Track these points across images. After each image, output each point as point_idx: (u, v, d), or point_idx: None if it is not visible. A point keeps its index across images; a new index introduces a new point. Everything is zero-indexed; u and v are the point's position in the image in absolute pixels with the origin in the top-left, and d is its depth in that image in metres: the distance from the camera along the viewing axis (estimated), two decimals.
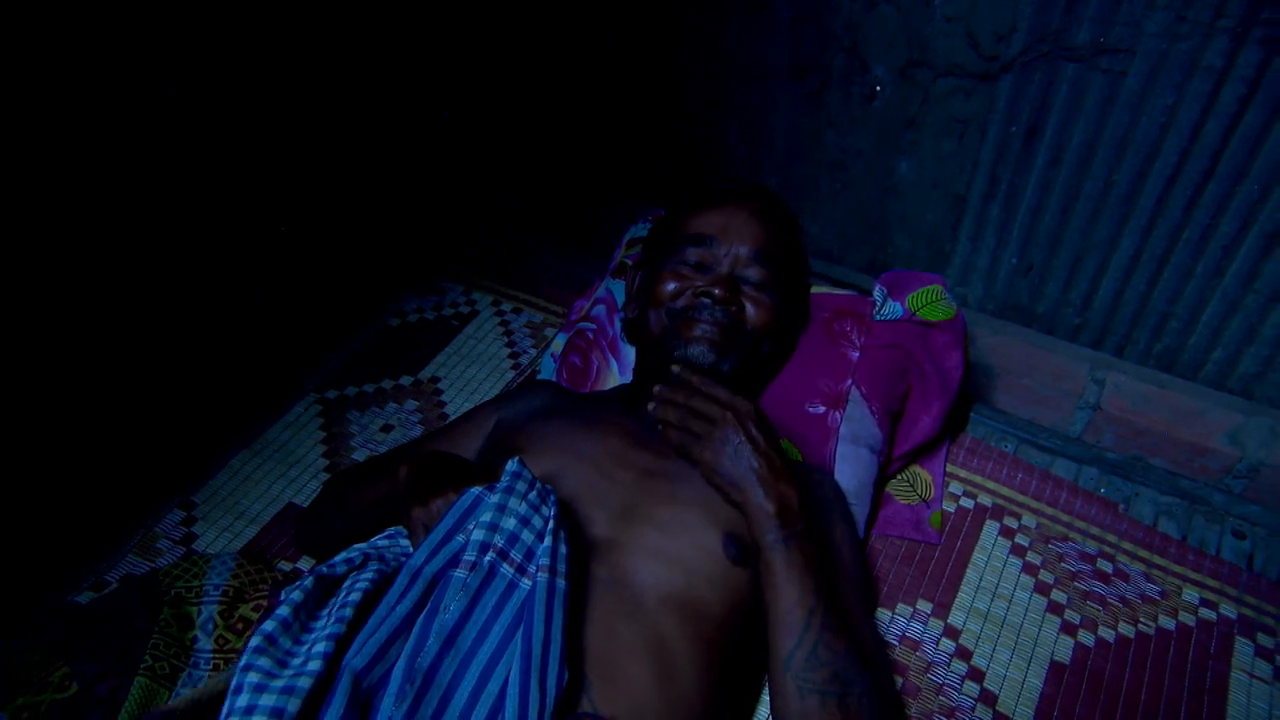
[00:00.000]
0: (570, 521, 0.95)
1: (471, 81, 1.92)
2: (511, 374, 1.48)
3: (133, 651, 1.08)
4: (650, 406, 0.99)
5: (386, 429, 1.39)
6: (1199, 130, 1.35)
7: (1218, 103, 1.31)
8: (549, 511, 0.86)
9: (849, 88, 1.64)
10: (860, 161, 1.73)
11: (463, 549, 0.82)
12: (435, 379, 1.47)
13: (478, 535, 0.82)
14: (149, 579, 1.14)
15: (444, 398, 1.44)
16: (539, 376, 1.40)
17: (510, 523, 0.83)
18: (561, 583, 0.82)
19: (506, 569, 0.81)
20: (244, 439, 1.38)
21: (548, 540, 0.84)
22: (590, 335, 1.30)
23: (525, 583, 0.81)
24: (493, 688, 0.76)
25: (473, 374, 1.47)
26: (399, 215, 1.75)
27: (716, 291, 1.05)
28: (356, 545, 0.91)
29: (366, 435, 1.38)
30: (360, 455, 1.34)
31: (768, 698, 0.92)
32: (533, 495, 0.87)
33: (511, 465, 0.88)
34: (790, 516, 0.91)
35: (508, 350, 1.52)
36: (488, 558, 0.81)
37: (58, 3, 1.14)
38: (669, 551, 0.94)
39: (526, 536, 0.84)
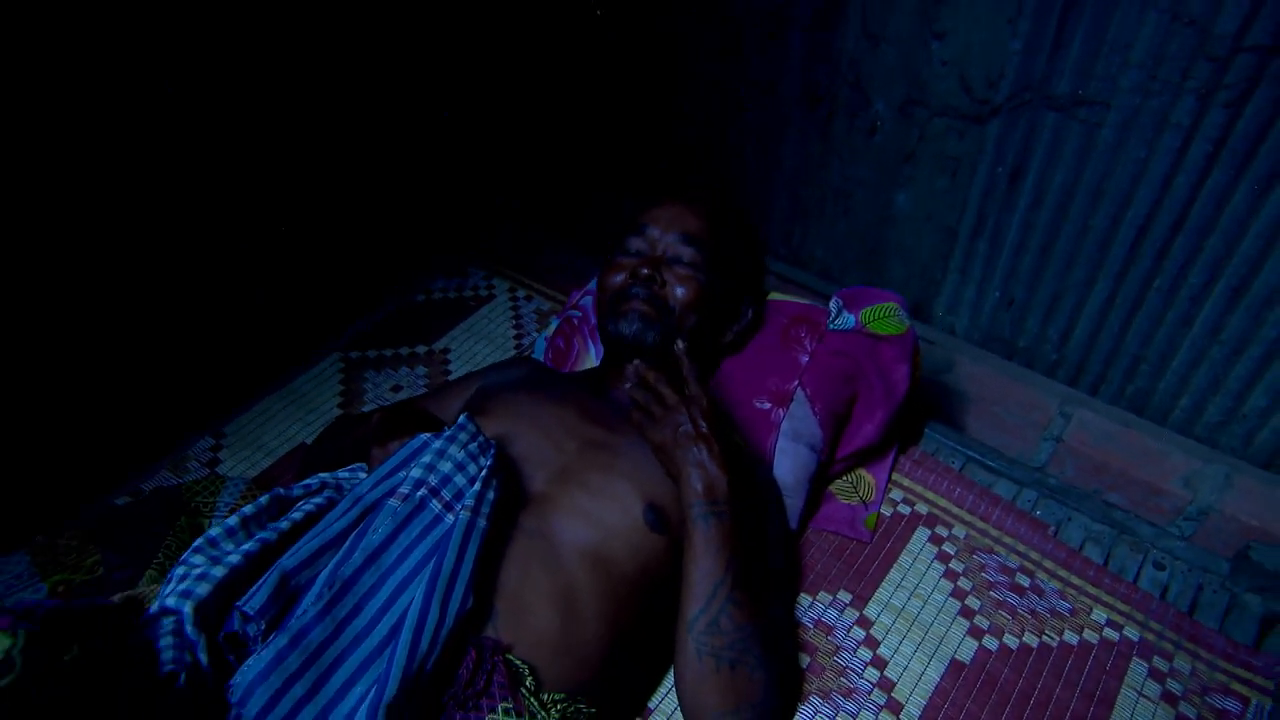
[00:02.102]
0: (511, 476, 1.02)
1: (484, 90, 1.98)
2: (513, 352, 1.56)
3: (149, 550, 1.19)
4: (627, 386, 1.06)
5: (396, 389, 1.48)
6: (1169, 183, 1.35)
7: (1186, 159, 1.31)
8: (485, 462, 0.93)
9: (853, 119, 1.68)
10: (862, 190, 1.76)
11: (401, 483, 0.89)
12: (446, 350, 1.56)
13: (415, 473, 0.89)
14: (173, 492, 1.25)
15: (450, 367, 1.53)
16: (532, 355, 1.47)
17: (446, 466, 0.91)
18: (482, 522, 0.89)
19: (435, 504, 0.88)
20: (274, 385, 1.49)
21: (477, 485, 0.90)
22: (575, 321, 1.37)
23: (449, 518, 0.88)
24: (403, 601, 0.83)
25: (479, 349, 1.56)
26: (428, 208, 1.85)
27: (643, 271, 1.12)
28: (320, 474, 1.00)
29: (377, 393, 1.47)
30: (368, 409, 1.44)
31: None
32: (473, 446, 0.94)
33: (461, 419, 0.96)
34: (716, 497, 0.96)
35: (514, 331, 1.60)
36: (420, 492, 0.88)
37: (59, 3, 1.18)
38: (593, 512, 0.99)
39: (459, 480, 0.91)
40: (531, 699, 0.86)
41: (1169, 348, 1.51)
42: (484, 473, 0.92)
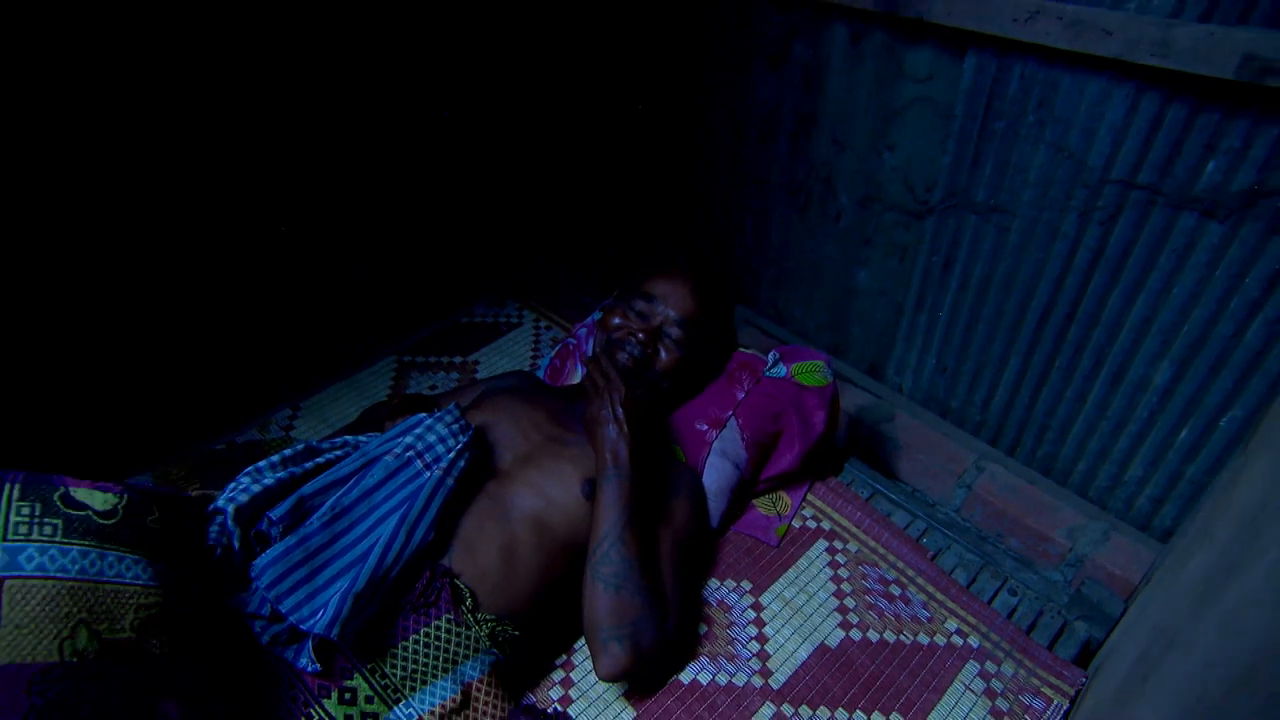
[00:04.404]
0: (486, 453, 1.22)
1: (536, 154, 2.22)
2: (528, 368, 1.78)
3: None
4: (580, 372, 1.26)
5: (432, 388, 1.72)
6: (1061, 282, 1.48)
7: (1074, 263, 1.44)
8: (463, 439, 1.14)
9: (824, 208, 1.85)
10: (831, 266, 1.93)
11: (396, 446, 1.11)
12: (476, 363, 1.79)
13: (408, 439, 1.11)
14: (256, 445, 1.51)
15: (477, 375, 1.75)
16: (537, 371, 1.69)
17: (431, 437, 1.12)
18: (450, 481, 1.10)
19: (418, 463, 1.10)
20: (343, 375, 1.75)
21: (452, 454, 1.12)
22: (570, 347, 1.58)
23: (426, 474, 1.09)
24: (382, 529, 1.04)
25: (503, 364, 1.78)
26: (474, 242, 2.11)
27: (640, 335, 1.32)
28: (345, 436, 1.23)
29: (417, 389, 1.71)
30: None
31: None
32: (455, 426, 1.15)
33: (450, 406, 1.18)
34: (618, 464, 1.15)
35: (531, 353, 1.82)
36: (408, 454, 1.09)
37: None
38: (541, 486, 1.19)
39: (439, 449, 1.12)
40: (469, 614, 1.06)
41: (1068, 419, 1.62)
42: (459, 446, 1.13)
